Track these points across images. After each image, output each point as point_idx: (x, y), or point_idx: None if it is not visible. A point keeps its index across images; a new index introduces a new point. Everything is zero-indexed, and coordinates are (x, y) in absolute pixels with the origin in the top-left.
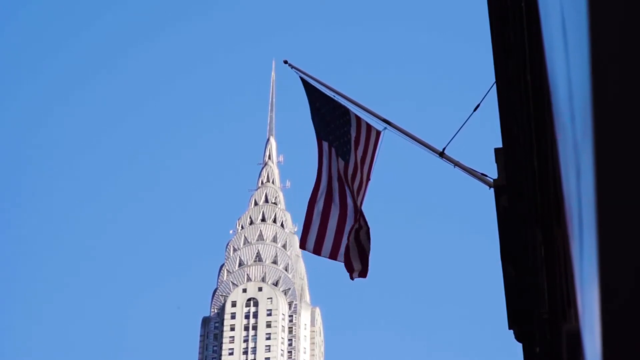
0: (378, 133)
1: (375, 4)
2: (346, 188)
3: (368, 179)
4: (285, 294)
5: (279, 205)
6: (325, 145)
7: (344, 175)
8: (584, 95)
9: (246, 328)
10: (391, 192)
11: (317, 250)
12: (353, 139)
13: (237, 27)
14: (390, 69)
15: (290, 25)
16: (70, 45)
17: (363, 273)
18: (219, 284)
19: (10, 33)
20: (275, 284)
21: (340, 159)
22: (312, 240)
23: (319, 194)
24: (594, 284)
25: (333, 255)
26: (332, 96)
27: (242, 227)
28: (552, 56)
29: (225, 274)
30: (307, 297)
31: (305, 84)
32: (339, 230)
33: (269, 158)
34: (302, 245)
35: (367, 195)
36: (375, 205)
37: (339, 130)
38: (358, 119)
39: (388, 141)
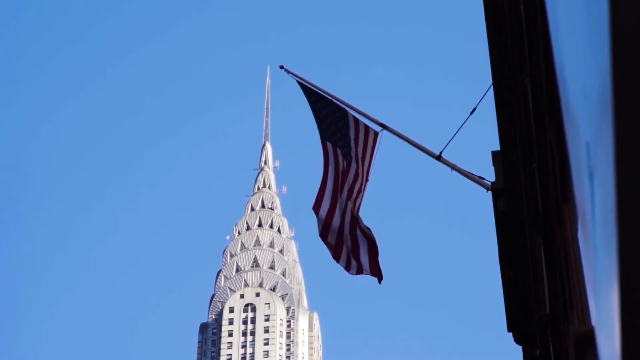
0: (376, 134)
1: (371, 7)
2: (346, 189)
3: (367, 179)
4: (282, 299)
5: (276, 211)
6: (329, 145)
7: (343, 176)
8: (602, 96)
9: (244, 334)
10: (388, 194)
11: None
12: (352, 140)
13: (231, 33)
14: (387, 71)
15: (285, 29)
16: (66, 52)
17: (374, 275)
18: (216, 290)
19: (11, 36)
20: (273, 289)
21: (344, 159)
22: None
23: (326, 194)
24: (612, 285)
25: (336, 257)
26: (329, 99)
27: (239, 233)
28: (561, 58)
29: (223, 279)
30: (305, 302)
31: (304, 88)
32: (340, 232)
33: (265, 163)
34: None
35: (364, 197)
36: (372, 207)
37: (340, 132)
38: (356, 120)
39: (385, 144)
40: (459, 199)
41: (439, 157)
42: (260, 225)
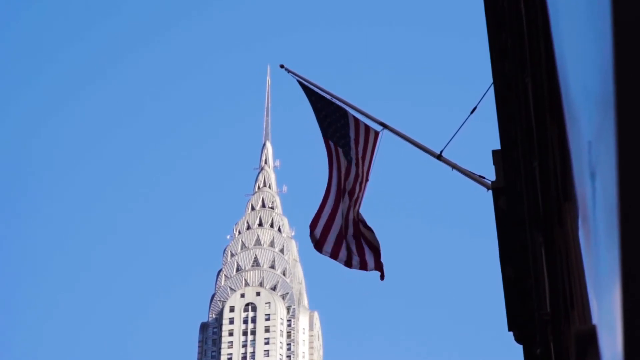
0: (376, 134)
1: (371, 7)
2: (348, 189)
3: (367, 179)
4: (283, 298)
5: (276, 210)
6: (332, 144)
7: (345, 175)
8: (604, 94)
9: (245, 333)
10: (389, 194)
11: (319, 248)
12: (352, 140)
13: (231, 32)
14: (387, 71)
15: (285, 29)
16: (66, 52)
17: (379, 270)
18: (216, 289)
19: (11, 36)
20: (273, 288)
21: (345, 158)
22: (317, 235)
23: (330, 194)
24: (614, 284)
25: (334, 255)
26: (330, 99)
27: (239, 232)
28: (562, 56)
29: (223, 279)
30: (305, 302)
31: (304, 87)
32: (342, 231)
33: (265, 163)
34: (315, 241)
35: (365, 196)
36: (373, 207)
37: (340, 132)
38: (356, 120)
39: (385, 143)
40: (459, 198)
41: (439, 157)
42: (260, 224)
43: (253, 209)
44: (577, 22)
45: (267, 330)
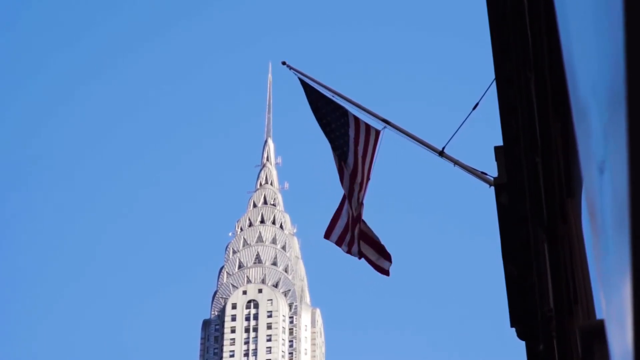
0: (377, 132)
1: (372, 4)
2: (352, 188)
3: (368, 178)
4: (285, 295)
5: (278, 207)
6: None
7: (348, 175)
8: (614, 90)
9: (247, 330)
10: (391, 191)
11: (338, 243)
12: (352, 139)
13: (233, 30)
14: (388, 68)
15: (286, 26)
16: (66, 51)
17: (384, 270)
18: (218, 286)
19: (11, 36)
20: (275, 285)
21: (342, 159)
22: (336, 233)
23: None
24: (624, 278)
25: (349, 250)
26: (330, 97)
27: (241, 229)
28: (570, 50)
29: (225, 276)
30: (307, 299)
31: (304, 85)
32: (352, 233)
33: (267, 160)
34: (327, 236)
35: (367, 194)
36: (375, 204)
37: (339, 131)
38: (356, 119)
39: (387, 140)
40: (461, 194)
41: (441, 153)
42: (262, 221)
43: (255, 206)
44: (586, 14)
45: (269, 327)
